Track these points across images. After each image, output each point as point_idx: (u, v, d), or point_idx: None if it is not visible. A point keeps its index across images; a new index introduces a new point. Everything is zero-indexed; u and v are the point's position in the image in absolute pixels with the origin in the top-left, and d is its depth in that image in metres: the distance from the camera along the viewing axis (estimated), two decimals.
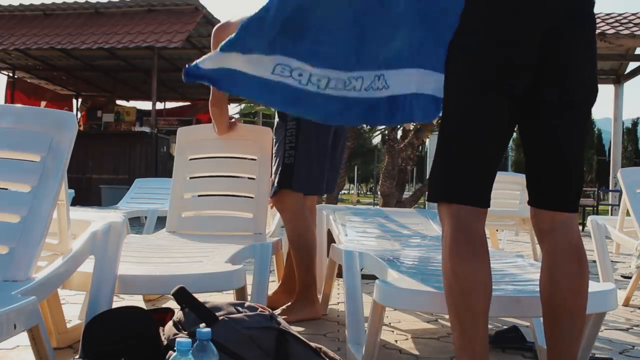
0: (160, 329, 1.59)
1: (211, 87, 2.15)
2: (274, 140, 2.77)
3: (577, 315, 1.49)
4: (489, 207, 1.48)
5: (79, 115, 13.12)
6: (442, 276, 1.47)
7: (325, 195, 4.23)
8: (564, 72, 1.42)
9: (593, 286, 1.56)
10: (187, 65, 1.77)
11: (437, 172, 1.51)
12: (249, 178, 2.98)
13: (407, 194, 4.75)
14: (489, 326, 2.78)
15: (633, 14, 10.84)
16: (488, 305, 1.45)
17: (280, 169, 2.64)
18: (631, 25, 10.23)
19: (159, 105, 13.14)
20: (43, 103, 13.13)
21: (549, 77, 1.42)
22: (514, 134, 1.63)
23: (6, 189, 1.81)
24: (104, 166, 10.25)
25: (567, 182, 1.49)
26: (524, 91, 1.43)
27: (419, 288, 1.69)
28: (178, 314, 1.58)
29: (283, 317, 2.42)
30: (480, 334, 1.44)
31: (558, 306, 1.49)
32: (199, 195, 3.10)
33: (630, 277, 3.59)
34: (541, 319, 2.12)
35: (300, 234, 2.68)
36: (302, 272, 2.67)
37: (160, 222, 4.07)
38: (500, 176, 1.58)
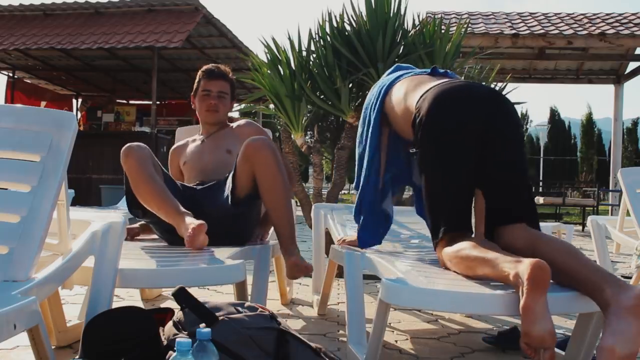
0: (160, 329, 1.59)
1: None
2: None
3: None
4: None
5: (79, 115, 13.13)
6: (453, 266, 1.81)
7: (325, 195, 4.23)
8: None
9: None
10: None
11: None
12: None
13: (407, 194, 4.74)
14: (490, 326, 2.78)
15: (633, 14, 10.85)
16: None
17: None
18: (631, 25, 10.23)
19: (159, 105, 13.12)
20: (43, 103, 13.13)
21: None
22: None
23: (6, 189, 1.80)
24: (104, 166, 10.24)
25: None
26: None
27: (424, 287, 1.68)
28: (178, 314, 1.57)
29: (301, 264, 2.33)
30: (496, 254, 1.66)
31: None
32: None
33: (630, 277, 3.58)
34: None
35: None
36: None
37: None
38: None
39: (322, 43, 3.94)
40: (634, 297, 1.47)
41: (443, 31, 3.91)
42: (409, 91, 2.07)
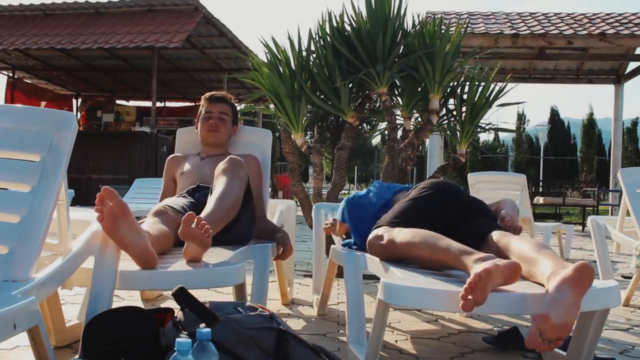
0: (160, 329, 1.59)
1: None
2: None
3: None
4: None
5: (79, 115, 13.13)
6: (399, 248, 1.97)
7: (325, 195, 4.23)
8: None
9: (595, 283, 1.56)
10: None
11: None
12: None
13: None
14: (490, 326, 2.78)
15: (633, 14, 10.85)
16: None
17: None
18: (631, 25, 10.23)
19: (159, 105, 13.14)
20: (43, 103, 13.14)
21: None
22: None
23: (6, 189, 1.80)
24: (104, 166, 10.25)
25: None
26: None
27: (424, 286, 1.68)
28: (178, 314, 1.57)
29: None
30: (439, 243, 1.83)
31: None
32: None
33: (630, 277, 3.59)
34: None
35: None
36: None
37: None
38: (500, 176, 1.66)
39: (322, 43, 3.94)
40: (573, 269, 1.51)
41: (443, 31, 3.90)
42: None
